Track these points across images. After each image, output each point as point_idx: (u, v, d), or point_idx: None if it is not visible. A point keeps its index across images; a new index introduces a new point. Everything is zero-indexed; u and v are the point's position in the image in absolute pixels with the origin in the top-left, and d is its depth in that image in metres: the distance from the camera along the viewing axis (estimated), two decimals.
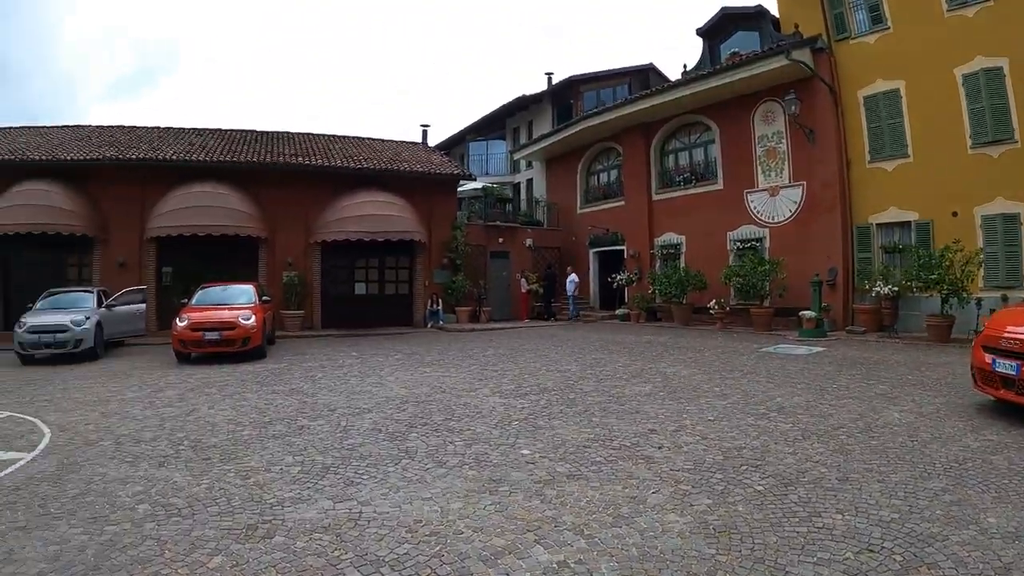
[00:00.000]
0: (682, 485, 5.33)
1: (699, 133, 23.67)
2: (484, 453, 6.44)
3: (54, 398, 10.05)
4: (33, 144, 21.74)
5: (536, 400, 9.09)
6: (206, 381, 11.40)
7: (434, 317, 22.25)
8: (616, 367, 12.12)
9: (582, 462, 6.05)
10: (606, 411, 8.24)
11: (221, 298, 15.72)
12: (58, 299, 16.19)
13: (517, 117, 35.67)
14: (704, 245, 22.41)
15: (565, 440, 6.83)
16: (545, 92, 33.38)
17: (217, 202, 19.98)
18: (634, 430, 7.19)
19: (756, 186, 21.05)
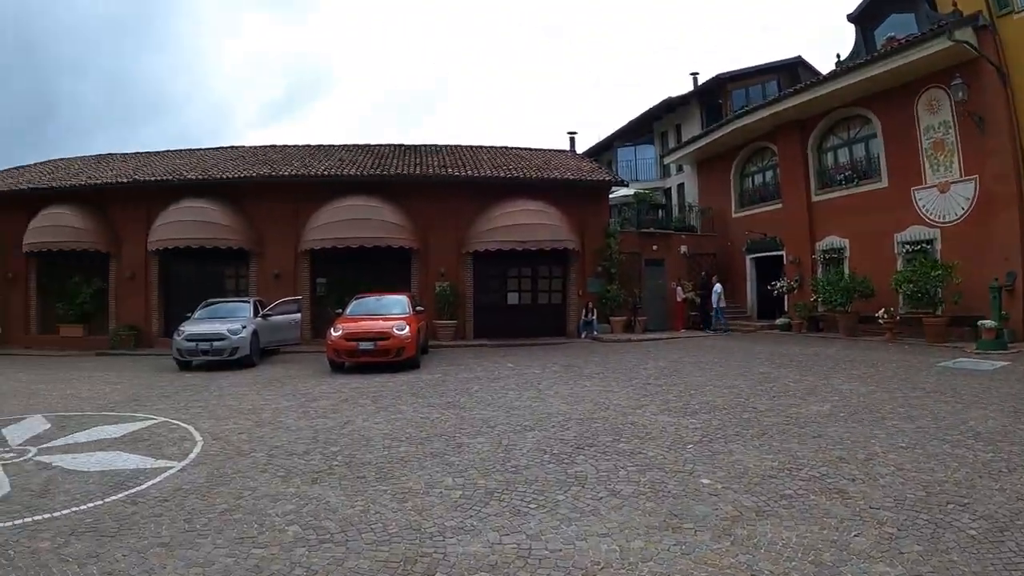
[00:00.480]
0: (886, 527, 4.65)
1: (858, 127, 21.55)
2: (660, 481, 5.83)
3: (209, 405, 10.25)
4: (190, 165, 23.43)
5: (707, 420, 8.38)
6: (360, 391, 11.27)
7: (588, 327, 21.56)
8: (787, 383, 11.26)
9: (770, 495, 5.39)
10: (785, 434, 7.52)
11: (375, 308, 15.84)
12: (216, 308, 17.04)
13: (664, 120, 34.64)
14: (869, 248, 20.29)
15: (747, 468, 6.18)
16: (692, 93, 32.15)
17: (369, 215, 20.41)
18: (820, 457, 6.48)
19: (924, 183, 18.73)
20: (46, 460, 6.99)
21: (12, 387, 12.95)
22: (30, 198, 21.43)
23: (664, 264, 24.76)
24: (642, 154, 36.39)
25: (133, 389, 12.29)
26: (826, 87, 20.88)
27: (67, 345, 20.84)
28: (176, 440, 7.78)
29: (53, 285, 21.86)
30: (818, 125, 22.63)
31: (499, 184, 21.80)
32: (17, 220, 21.13)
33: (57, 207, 20.92)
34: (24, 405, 10.74)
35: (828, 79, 21.04)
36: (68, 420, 9.30)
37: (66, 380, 13.81)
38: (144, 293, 21.31)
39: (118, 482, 6.12)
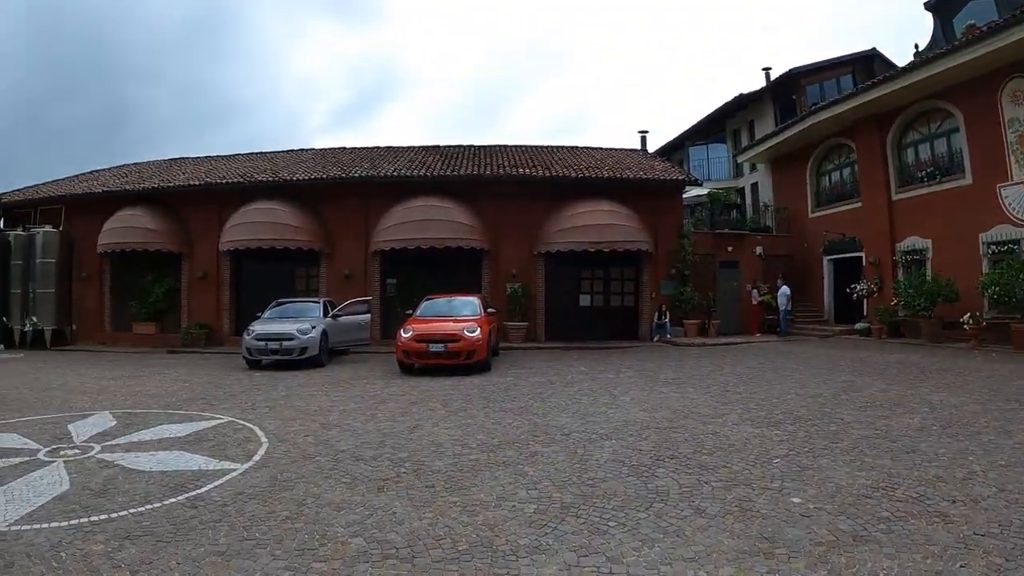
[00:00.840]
0: (993, 557, 4.23)
1: (939, 121, 20.25)
2: (748, 499, 5.41)
3: (276, 405, 10.16)
4: (260, 167, 23.95)
5: (792, 431, 7.89)
6: (429, 394, 11.02)
7: (661, 330, 21.10)
8: (872, 392, 10.66)
9: (866, 518, 4.95)
10: (876, 448, 7.01)
11: (446, 309, 15.67)
12: (285, 308, 17.18)
13: (737, 118, 33.61)
14: (952, 250, 19.04)
15: (839, 486, 5.72)
16: (764, 89, 31.00)
17: (440, 215, 20.34)
18: (916, 476, 6.00)
19: (1010, 179, 17.46)
20: (108, 458, 6.94)
21: (82, 383, 13.23)
22: (105, 201, 22.24)
23: (739, 266, 23.93)
24: (714, 153, 35.61)
25: (201, 387, 12.38)
26: (904, 79, 19.77)
27: (140, 342, 21.47)
28: (240, 441, 7.64)
29: (127, 284, 22.60)
30: (897, 120, 21.49)
31: (571, 184, 21.46)
32: (92, 222, 21.98)
33: (131, 209, 21.64)
34: (92, 401, 10.90)
35: (906, 71, 19.88)
36: (134, 417, 9.32)
37: (135, 377, 14.05)
38: (215, 292, 21.77)
39: (178, 484, 5.98)
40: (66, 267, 22.45)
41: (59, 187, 24.60)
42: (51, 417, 9.45)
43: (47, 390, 12.26)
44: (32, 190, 24.92)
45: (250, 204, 21.03)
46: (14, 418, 9.41)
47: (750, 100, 31.61)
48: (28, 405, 10.58)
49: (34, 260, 21.79)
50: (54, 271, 21.92)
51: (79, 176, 26.39)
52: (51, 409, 10.19)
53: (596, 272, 22.54)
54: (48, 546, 4.54)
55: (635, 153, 26.89)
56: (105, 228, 21.52)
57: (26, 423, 9.00)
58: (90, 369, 15.55)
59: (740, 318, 23.31)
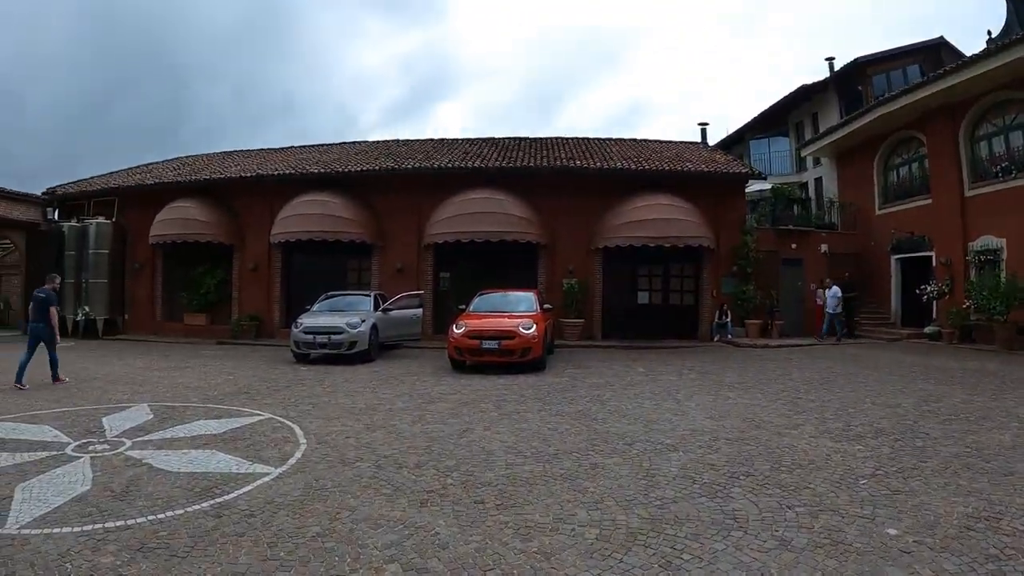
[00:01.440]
0: None
1: (1015, 112, 18.81)
2: (837, 529, 4.73)
3: (319, 402, 9.72)
4: (313, 159, 23.75)
5: (876, 447, 7.12)
6: (482, 394, 10.44)
7: (722, 330, 20.30)
8: (954, 403, 9.81)
9: (973, 556, 4.26)
10: (971, 469, 6.26)
11: (500, 305, 15.10)
12: (335, 301, 16.84)
13: (800, 110, 32.37)
14: None
15: (937, 515, 5.01)
16: (828, 79, 29.74)
17: (495, 208, 19.81)
18: (1020, 503, 5.27)
19: None
20: (137, 455, 6.57)
21: (126, 373, 13.07)
22: (157, 193, 22.42)
23: (802, 264, 22.80)
24: (776, 147, 34.65)
25: (245, 380, 12.05)
26: (977, 68, 18.44)
27: (190, 333, 21.53)
28: (278, 441, 7.17)
29: (178, 275, 22.79)
30: (970, 111, 20.14)
31: (630, 177, 20.68)
32: (145, 214, 22.15)
33: (182, 201, 21.71)
34: (133, 392, 10.66)
35: (979, 59, 18.53)
36: (172, 411, 8.98)
37: (181, 368, 13.84)
38: (266, 284, 21.67)
39: (206, 488, 5.52)
40: (119, 258, 22.70)
41: (113, 179, 24.89)
42: (87, 409, 9.21)
43: (89, 380, 12.11)
44: (86, 182, 25.20)
45: (302, 196, 20.82)
46: (50, 408, 9.22)
47: (813, 92, 30.47)
48: (68, 395, 10.41)
49: (87, 251, 22.06)
50: (107, 262, 22.15)
51: (132, 169, 26.70)
52: (89, 400, 9.97)
53: (654, 269, 21.81)
54: (55, 555, 4.16)
55: (695, 146, 25.95)
56: (157, 219, 21.61)
57: (61, 414, 8.77)
58: (137, 359, 15.45)
59: (804, 319, 22.26)
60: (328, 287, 18.64)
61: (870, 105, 24.23)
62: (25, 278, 23.83)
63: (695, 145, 26.18)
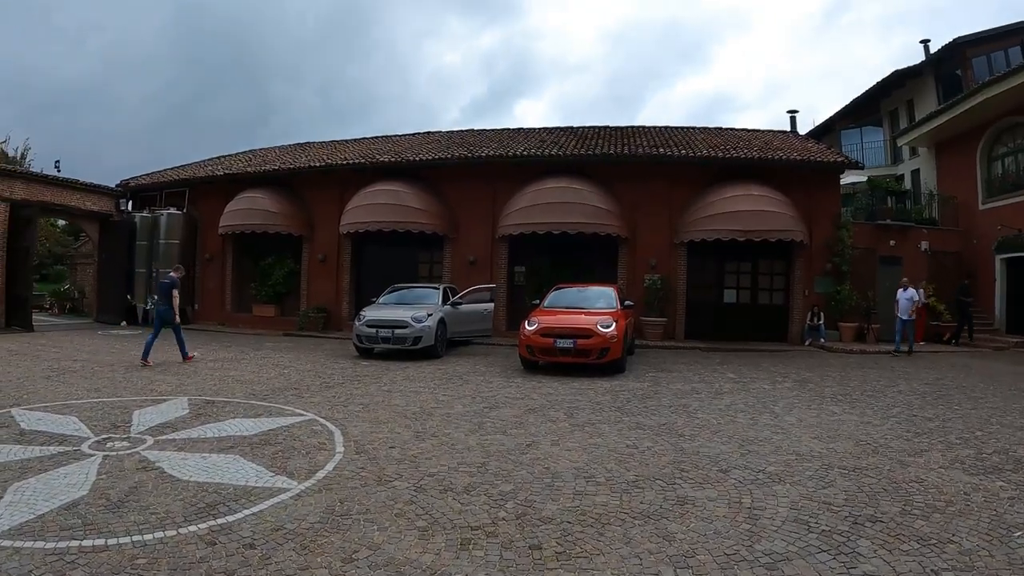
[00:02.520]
0: None
1: None
2: None
3: (371, 403, 8.80)
4: (384, 149, 23.14)
5: (1020, 484, 5.70)
6: (552, 400, 9.33)
7: (814, 333, 18.70)
8: None
9: None
10: None
11: (577, 301, 13.91)
12: (403, 294, 16.06)
13: (892, 98, 30.07)
14: None
15: None
16: (924, 63, 27.46)
17: (573, 198, 18.66)
18: None
19: None
20: (153, 457, 5.83)
21: (180, 364, 12.55)
22: (228, 184, 22.37)
23: (901, 263, 20.67)
24: (869, 137, 32.49)
25: (299, 375, 11.31)
26: None
27: (258, 324, 21.23)
28: (311, 449, 6.26)
29: (248, 266, 22.67)
30: None
31: (717, 165, 19.23)
32: (216, 205, 22.15)
33: (252, 191, 21.50)
34: (179, 384, 10.06)
35: None
36: (210, 407, 8.25)
37: (237, 360, 13.28)
38: (335, 276, 21.16)
39: (211, 504, 4.65)
40: (189, 248, 22.72)
41: (185, 172, 24.98)
42: (124, 400, 8.64)
43: (135, 370, 11.63)
44: (159, 174, 25.40)
45: (372, 185, 20.19)
46: (87, 398, 8.70)
47: (908, 76, 28.20)
48: (110, 384, 9.93)
49: (158, 241, 22.19)
50: (177, 252, 22.08)
51: (205, 161, 26.80)
52: (130, 390, 9.42)
53: (742, 265, 20.25)
54: None
55: (784, 135, 24.06)
56: (227, 210, 21.48)
57: (94, 405, 8.19)
58: (196, 350, 14.95)
59: None
60: (399, 279, 18.00)
61: (971, 90, 22.04)
62: (97, 268, 24.11)
63: (784, 134, 24.33)
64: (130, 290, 22.45)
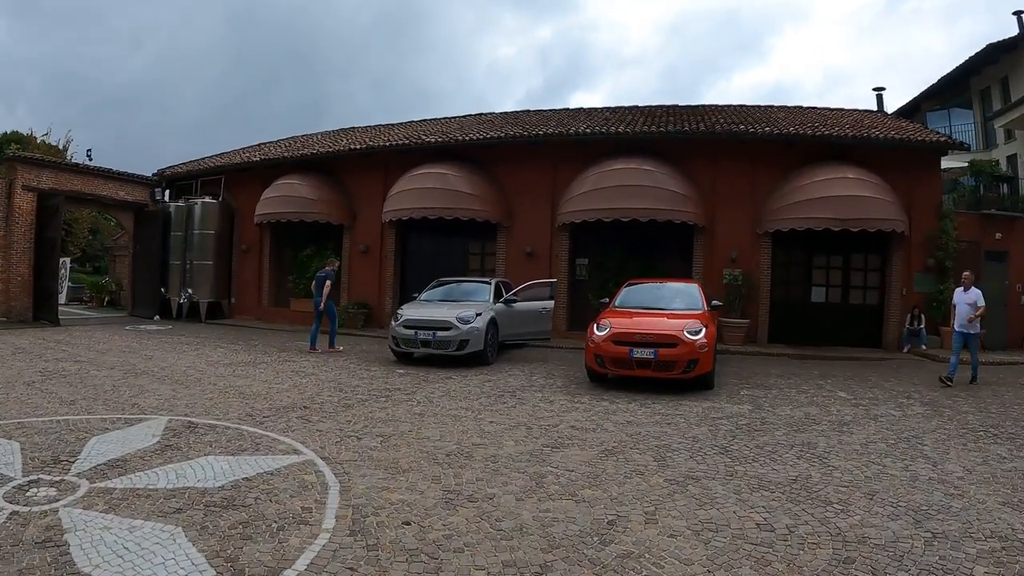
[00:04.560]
0: None
1: None
2: None
3: (394, 434, 6.76)
4: (431, 131, 21.18)
5: None
6: (634, 433, 7.15)
7: (914, 339, 16.22)
8: None
9: None
10: None
11: (655, 300, 11.67)
12: (449, 289, 14.02)
13: (984, 75, 26.68)
14: None
15: None
16: (1019, 36, 24.08)
17: (644, 181, 16.39)
18: None
19: None
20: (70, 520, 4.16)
21: (187, 369, 10.87)
22: (265, 170, 20.91)
23: (1007, 259, 17.81)
24: (958, 119, 29.02)
25: (317, 387, 9.38)
26: None
27: (296, 320, 19.57)
28: (289, 520, 4.25)
29: (287, 257, 21.16)
30: None
31: (803, 147, 16.74)
32: (253, 194, 20.72)
33: (289, 177, 19.90)
34: (170, 397, 8.34)
35: None
36: (188, 435, 6.41)
37: (254, 365, 11.46)
38: (378, 268, 19.31)
39: None
40: (226, 239, 21.37)
41: (221, 159, 23.66)
42: (92, 419, 6.99)
43: (134, 375, 9.97)
44: (195, 163, 24.10)
45: (418, 168, 18.24)
46: (51, 414, 7.14)
47: (1002, 50, 24.86)
48: (93, 393, 8.42)
49: (193, 231, 20.85)
50: (212, 243, 20.82)
51: (243, 148, 25.31)
52: (110, 404, 7.81)
53: (834, 259, 17.68)
54: None
55: (872, 114, 21.34)
56: (263, 197, 19.95)
57: (52, 426, 6.60)
58: (217, 350, 13.32)
59: (1008, 328, 17.49)
60: (447, 273, 16.01)
61: None
62: (131, 260, 22.97)
63: (872, 114, 21.64)
64: (164, 283, 21.15)
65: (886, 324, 16.92)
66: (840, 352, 15.52)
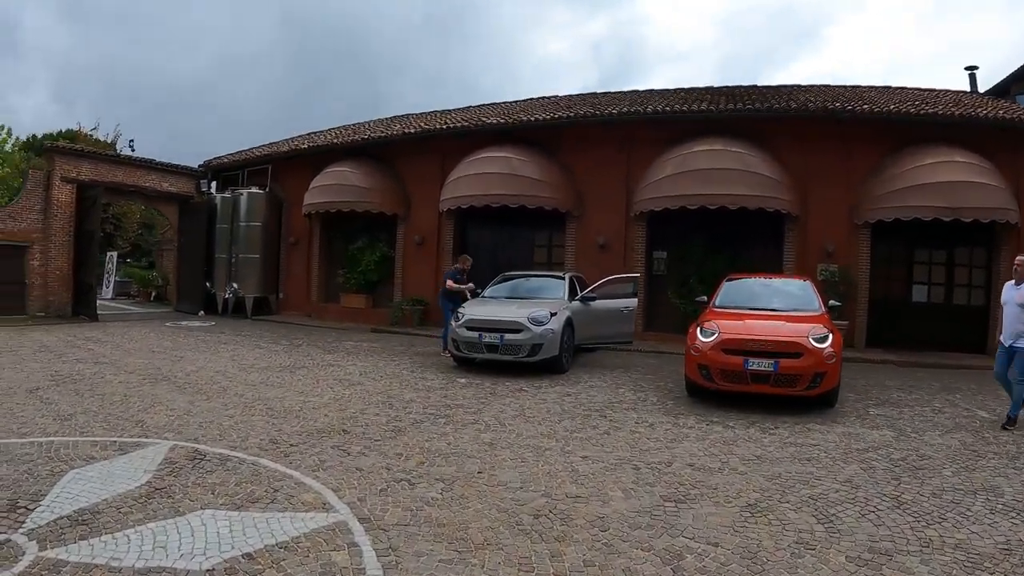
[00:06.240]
0: None
1: None
2: None
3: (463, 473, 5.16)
4: (493, 111, 19.67)
5: None
6: (773, 476, 5.43)
7: None
8: None
9: None
10: None
11: (763, 299, 9.81)
12: (515, 285, 12.41)
13: None
14: None
15: None
16: None
17: (732, 164, 14.41)
18: None
19: None
20: None
21: (216, 373, 9.52)
22: (314, 159, 19.65)
23: None
24: None
25: (363, 401, 7.83)
26: None
27: (347, 317, 18.34)
28: None
29: (338, 251, 19.79)
30: None
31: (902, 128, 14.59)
32: (302, 183, 19.47)
33: (340, 165, 18.55)
34: (184, 412, 6.96)
35: None
36: (185, 473, 4.97)
37: (289, 370, 10.05)
38: (434, 261, 17.69)
39: None
40: (273, 231, 20.17)
41: (268, 148, 22.48)
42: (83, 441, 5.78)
43: (152, 382, 8.68)
44: (240, 153, 23.00)
45: (478, 152, 16.65)
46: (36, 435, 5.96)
47: None
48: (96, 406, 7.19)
49: (239, 223, 19.71)
50: (259, 235, 19.62)
51: (292, 138, 24.00)
52: (107, 423, 6.47)
53: (936, 254, 15.43)
54: None
55: (967, 95, 18.87)
56: (311, 186, 18.63)
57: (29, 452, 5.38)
58: (254, 351, 11.96)
59: None
60: (510, 267, 14.38)
61: None
62: (176, 253, 22.09)
63: (967, 94, 19.19)
64: (209, 277, 20.04)
65: (989, 327, 14.70)
66: (945, 359, 13.38)
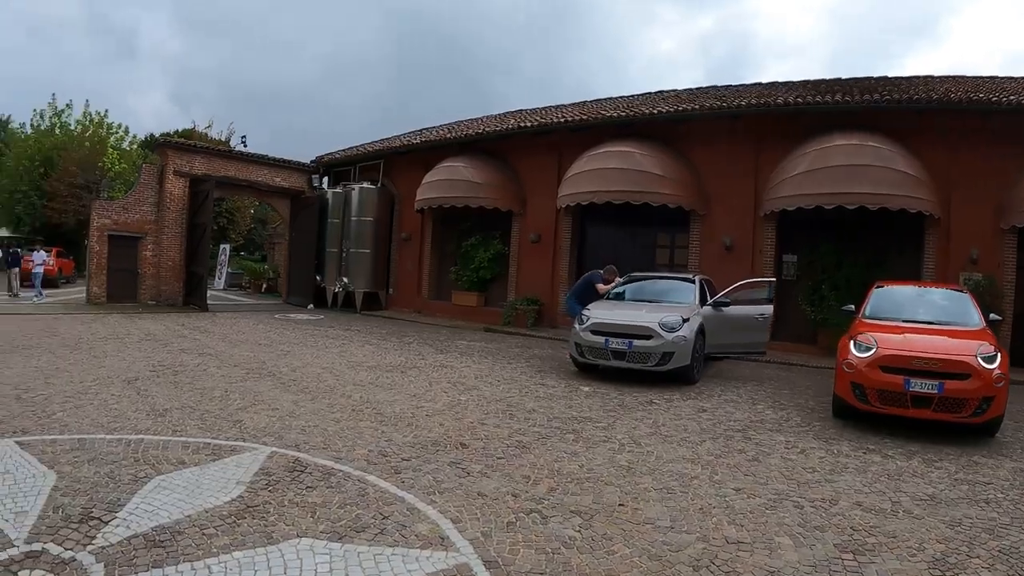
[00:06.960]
0: None
1: None
2: None
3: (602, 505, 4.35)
4: (612, 105, 18.88)
5: None
6: (953, 521, 4.36)
7: None
8: None
9: None
10: None
11: (918, 310, 8.49)
12: (641, 287, 11.44)
13: None
14: None
15: None
16: None
17: (870, 160, 12.99)
18: None
19: None
20: None
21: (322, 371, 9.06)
22: (428, 155, 19.53)
23: None
24: None
25: (481, 409, 7.12)
26: None
27: (458, 315, 18.01)
28: None
29: (450, 247, 19.55)
30: None
31: None
32: (414, 178, 19.32)
33: (453, 160, 18.20)
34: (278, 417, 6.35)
35: None
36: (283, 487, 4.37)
37: (400, 370, 9.50)
38: (550, 260, 17.04)
39: None
40: (384, 226, 20.18)
41: (381, 144, 22.50)
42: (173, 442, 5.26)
43: (256, 377, 8.33)
44: (352, 149, 23.14)
45: (597, 147, 15.85)
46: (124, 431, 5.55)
47: None
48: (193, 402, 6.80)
49: (350, 218, 19.81)
50: (370, 230, 19.66)
51: (404, 134, 24.04)
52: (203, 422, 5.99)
53: None
54: None
55: None
56: (424, 182, 18.34)
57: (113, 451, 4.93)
58: (364, 347, 11.58)
59: None
60: (629, 267, 13.26)
61: None
62: (287, 247, 22.34)
63: None
64: (320, 271, 20.22)
65: None
66: None
